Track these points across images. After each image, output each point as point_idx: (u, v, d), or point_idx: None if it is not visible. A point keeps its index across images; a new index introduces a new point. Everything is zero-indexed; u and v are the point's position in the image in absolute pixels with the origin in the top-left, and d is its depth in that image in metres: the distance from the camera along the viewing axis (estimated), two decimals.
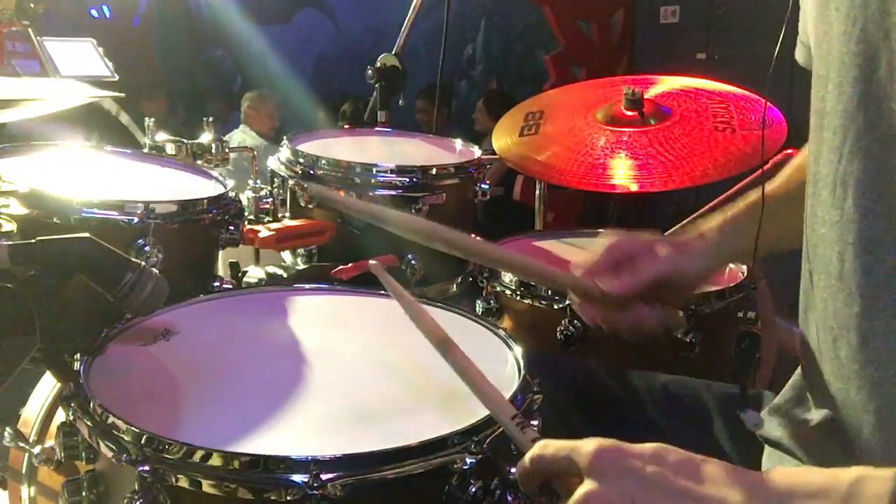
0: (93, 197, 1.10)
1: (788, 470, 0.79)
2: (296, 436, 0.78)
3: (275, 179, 1.54)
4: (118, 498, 0.74)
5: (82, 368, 0.85)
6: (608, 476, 0.61)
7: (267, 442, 0.75)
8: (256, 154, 1.79)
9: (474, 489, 0.73)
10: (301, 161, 1.46)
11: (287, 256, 1.52)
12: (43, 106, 1.26)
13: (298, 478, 0.68)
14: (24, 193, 1.04)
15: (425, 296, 1.19)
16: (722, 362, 1.38)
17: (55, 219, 1.06)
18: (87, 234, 0.87)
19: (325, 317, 1.10)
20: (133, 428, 0.73)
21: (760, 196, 0.98)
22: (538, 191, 2.25)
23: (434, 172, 1.43)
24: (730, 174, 1.56)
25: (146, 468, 0.69)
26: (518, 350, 0.95)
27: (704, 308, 1.27)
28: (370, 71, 2.09)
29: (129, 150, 1.48)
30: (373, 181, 1.41)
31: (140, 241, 1.10)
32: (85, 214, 1.07)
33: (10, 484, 1.08)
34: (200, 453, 0.70)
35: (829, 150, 0.70)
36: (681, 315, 1.12)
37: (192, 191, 1.34)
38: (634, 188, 1.72)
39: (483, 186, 1.53)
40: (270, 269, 1.38)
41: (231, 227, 1.26)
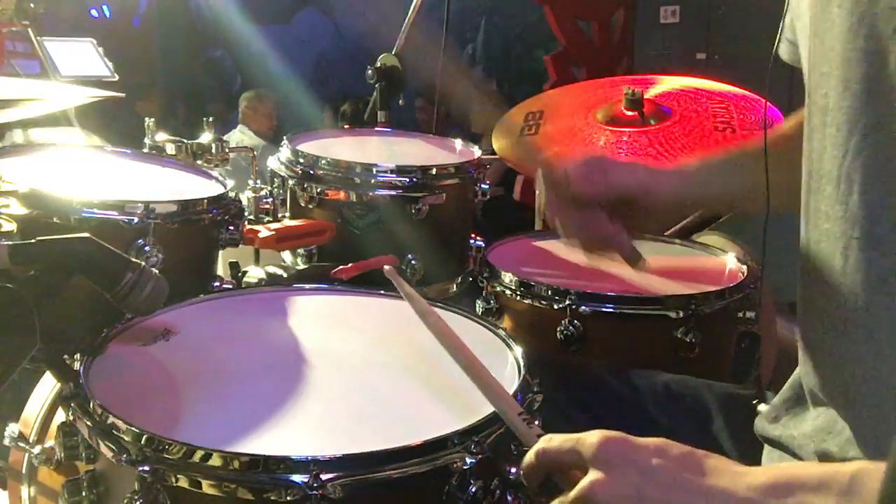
0: (93, 197, 1.10)
1: (789, 464, 0.80)
2: (296, 436, 0.78)
3: (275, 179, 1.54)
4: (118, 498, 0.74)
5: (82, 368, 0.85)
6: (613, 466, 0.61)
7: (267, 442, 0.75)
8: (256, 154, 1.79)
9: (474, 489, 0.73)
10: (301, 161, 1.46)
11: (287, 256, 1.52)
12: (43, 106, 1.26)
13: (298, 478, 0.68)
14: (24, 193, 1.04)
15: (425, 296, 1.19)
16: (722, 362, 1.38)
17: (55, 219, 1.06)
18: (87, 234, 0.87)
19: (325, 317, 1.10)
20: (133, 428, 0.73)
21: (742, 154, 1.00)
22: (538, 191, 2.25)
23: (434, 172, 1.43)
24: None
25: (146, 468, 0.69)
26: (518, 350, 0.95)
27: (704, 308, 1.27)
28: (370, 71, 2.09)
29: (129, 150, 1.48)
30: (373, 181, 1.41)
31: (140, 241, 1.10)
32: (85, 214, 1.08)
33: (10, 484, 1.08)
34: (200, 453, 0.70)
35: (834, 147, 0.70)
36: (639, 252, 1.12)
37: (192, 191, 1.34)
38: None
39: (483, 186, 1.52)
40: (270, 269, 1.37)
41: (231, 227, 1.26)
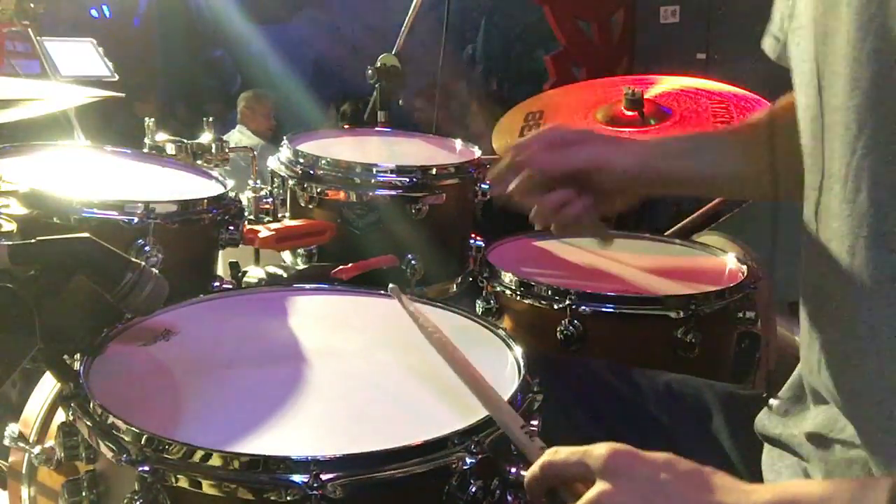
0: (93, 197, 1.10)
1: (793, 482, 0.80)
2: (296, 436, 0.78)
3: (275, 179, 1.54)
4: (118, 498, 0.74)
5: (82, 368, 0.85)
6: (621, 478, 0.62)
7: (267, 442, 0.75)
8: (255, 154, 1.79)
9: (474, 489, 0.73)
10: (301, 161, 1.46)
11: (287, 256, 1.52)
12: (43, 106, 1.26)
13: (298, 478, 0.68)
14: (24, 193, 1.04)
15: (425, 296, 1.19)
16: (722, 362, 1.38)
17: (55, 219, 1.06)
18: (87, 234, 0.87)
19: (325, 317, 1.10)
20: (133, 428, 0.73)
21: (706, 137, 1.00)
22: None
23: (434, 172, 1.43)
24: None
25: (146, 468, 0.69)
26: (518, 350, 0.95)
27: (704, 308, 1.27)
28: (370, 71, 2.09)
29: (129, 150, 1.48)
30: (373, 181, 1.41)
31: (140, 241, 1.10)
32: (85, 214, 1.08)
33: (10, 484, 1.08)
34: (200, 453, 0.70)
35: (842, 146, 0.70)
36: (604, 227, 1.10)
37: (192, 191, 1.34)
38: None
39: (483, 186, 1.52)
40: (270, 269, 1.37)
41: (231, 227, 1.26)
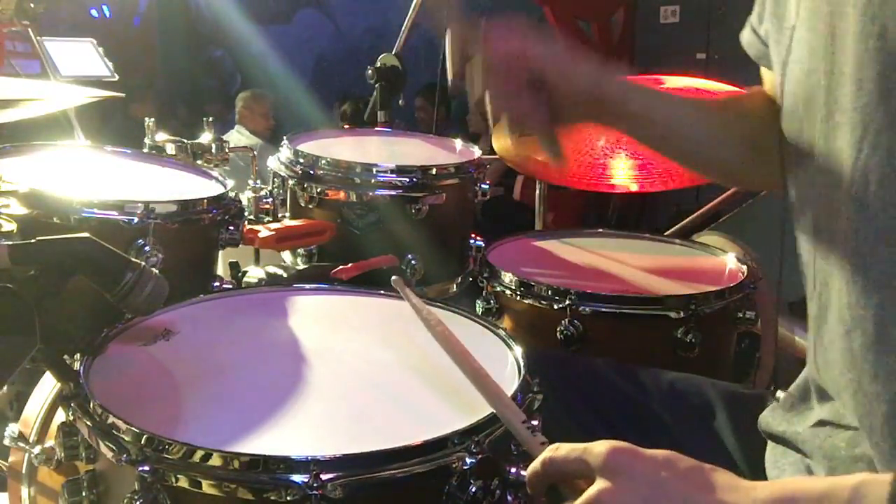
0: (93, 197, 1.10)
1: (793, 478, 0.80)
2: (296, 436, 0.78)
3: (275, 179, 1.54)
4: (118, 498, 0.74)
5: (82, 368, 0.85)
6: (621, 476, 0.62)
7: (267, 442, 0.75)
8: (255, 154, 1.79)
9: (474, 489, 0.73)
10: (301, 161, 1.46)
11: (287, 256, 1.52)
12: (43, 106, 1.26)
13: (298, 478, 0.68)
14: (24, 193, 1.04)
15: (425, 296, 1.19)
16: (722, 362, 1.38)
17: (55, 219, 1.06)
18: (87, 234, 0.87)
19: (325, 317, 1.10)
20: (133, 428, 0.73)
21: (681, 100, 1.00)
22: (538, 191, 2.25)
23: (434, 172, 1.43)
24: None
25: (146, 468, 0.69)
26: (518, 350, 0.95)
27: (704, 308, 1.27)
28: (370, 71, 2.09)
29: (129, 150, 1.48)
30: (373, 181, 1.41)
31: (140, 241, 1.10)
32: (85, 214, 1.08)
33: (10, 484, 1.08)
34: (200, 453, 0.70)
35: (849, 145, 0.71)
36: (561, 147, 0.99)
37: (192, 191, 1.34)
38: (634, 188, 1.72)
39: (483, 186, 1.52)
40: (270, 269, 1.37)
41: (231, 227, 1.26)
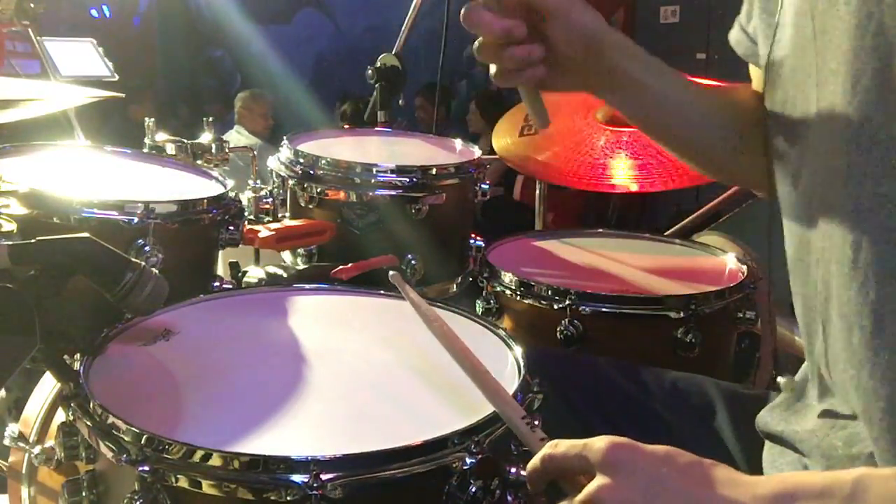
0: (93, 197, 1.10)
1: (793, 473, 0.81)
2: (296, 436, 0.78)
3: (275, 179, 1.54)
4: (118, 498, 0.74)
5: (82, 368, 0.85)
6: (621, 472, 0.62)
7: (267, 442, 0.75)
8: (255, 154, 1.79)
9: (474, 489, 0.73)
10: (301, 161, 1.46)
11: (287, 256, 1.52)
12: (43, 106, 1.26)
13: (298, 478, 0.68)
14: (24, 193, 1.04)
15: (425, 296, 1.19)
16: (722, 362, 1.38)
17: (55, 219, 1.06)
18: (87, 234, 0.87)
19: (325, 317, 1.10)
20: (133, 428, 0.73)
21: (680, 80, 0.98)
22: (538, 191, 2.25)
23: (434, 172, 1.43)
24: None
25: (146, 468, 0.69)
26: (518, 350, 0.95)
27: (704, 308, 1.27)
28: (370, 71, 2.09)
29: (129, 150, 1.48)
30: (373, 181, 1.41)
31: (140, 241, 1.10)
32: (85, 214, 1.08)
33: (10, 484, 1.08)
34: (200, 453, 0.70)
35: (844, 142, 0.71)
36: (545, 108, 0.97)
37: (192, 191, 1.34)
38: (634, 188, 1.72)
39: (483, 186, 1.52)
40: (270, 269, 1.37)
41: (231, 227, 1.26)
